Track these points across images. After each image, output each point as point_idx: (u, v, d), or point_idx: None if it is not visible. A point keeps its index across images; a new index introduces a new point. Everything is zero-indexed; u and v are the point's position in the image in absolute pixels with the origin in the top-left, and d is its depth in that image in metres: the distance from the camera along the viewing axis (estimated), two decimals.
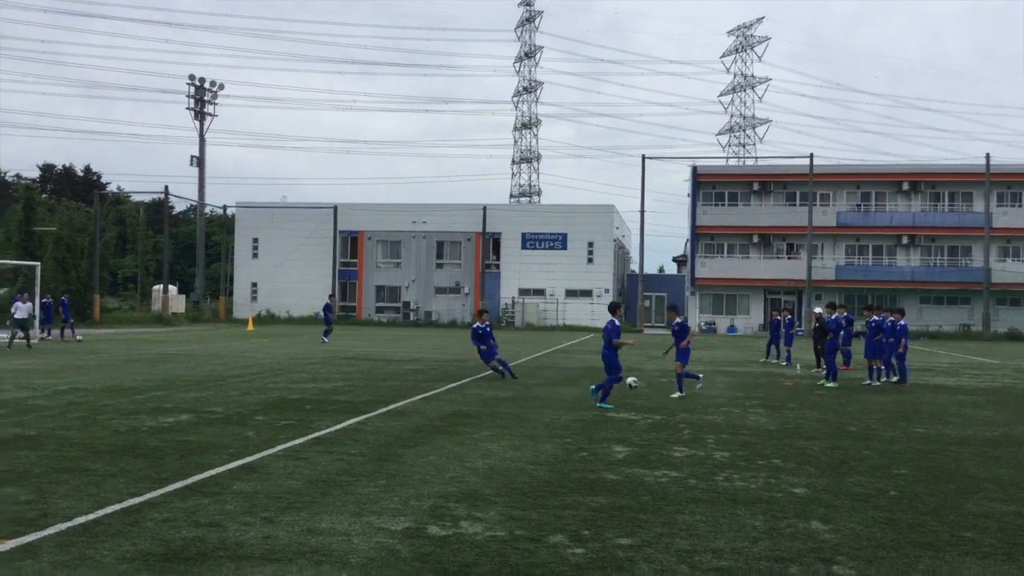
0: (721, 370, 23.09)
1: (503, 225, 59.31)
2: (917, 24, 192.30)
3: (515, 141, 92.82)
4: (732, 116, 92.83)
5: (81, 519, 6.50)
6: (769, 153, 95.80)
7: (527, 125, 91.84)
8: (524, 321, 57.02)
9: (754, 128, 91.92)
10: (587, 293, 58.38)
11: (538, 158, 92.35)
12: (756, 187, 57.99)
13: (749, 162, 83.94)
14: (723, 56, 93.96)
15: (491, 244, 59.53)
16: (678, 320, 16.19)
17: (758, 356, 29.16)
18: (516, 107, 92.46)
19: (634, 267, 68.53)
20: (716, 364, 25.49)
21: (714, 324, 56.46)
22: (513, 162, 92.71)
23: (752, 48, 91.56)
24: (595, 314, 57.87)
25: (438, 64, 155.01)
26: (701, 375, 17.26)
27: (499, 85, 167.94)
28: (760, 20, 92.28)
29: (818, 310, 23.46)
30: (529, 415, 12.94)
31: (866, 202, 57.53)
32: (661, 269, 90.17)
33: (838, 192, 57.54)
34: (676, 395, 15.88)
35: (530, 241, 59.22)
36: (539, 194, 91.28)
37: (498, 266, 59.47)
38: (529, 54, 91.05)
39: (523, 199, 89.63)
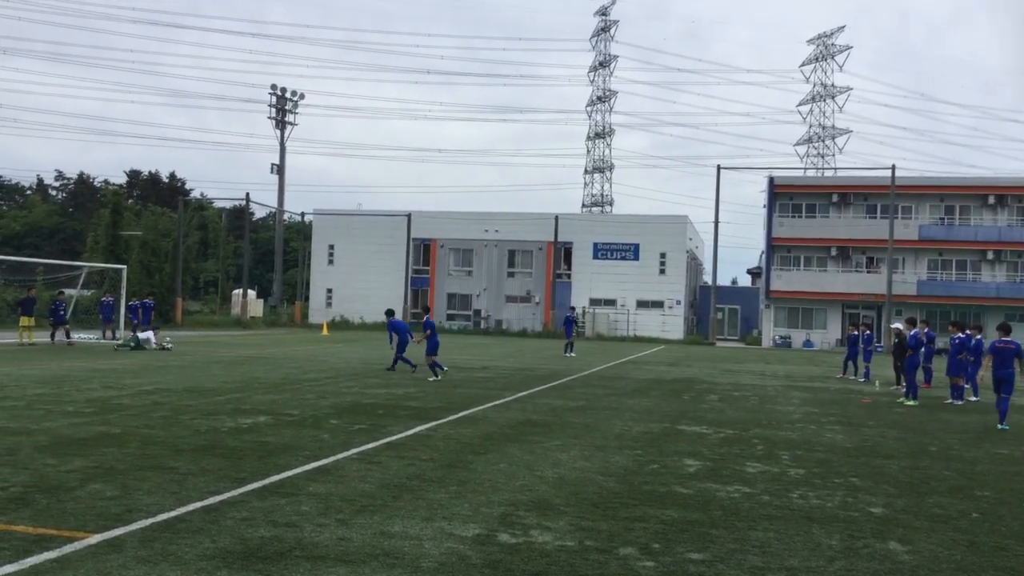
0: (797, 385, 22.67)
1: (575, 235, 59.27)
2: (1006, 32, 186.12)
3: (588, 151, 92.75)
4: (811, 126, 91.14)
5: (164, 516, 6.70)
6: (849, 164, 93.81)
7: (600, 135, 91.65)
8: (595, 331, 56.82)
9: (833, 139, 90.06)
10: (658, 304, 57.90)
11: (611, 168, 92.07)
12: (835, 199, 56.76)
13: (828, 173, 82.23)
14: (802, 65, 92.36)
15: (563, 253, 59.51)
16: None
17: (835, 371, 28.54)
18: (590, 116, 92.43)
19: (707, 279, 67.73)
20: (792, 379, 25.03)
21: (789, 338, 55.43)
22: (586, 172, 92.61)
23: (832, 57, 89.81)
24: (666, 325, 57.40)
25: (514, 74, 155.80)
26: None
27: (574, 94, 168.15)
28: (841, 29, 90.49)
29: (898, 325, 22.86)
30: (599, 425, 12.90)
31: (950, 216, 55.82)
32: (734, 281, 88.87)
33: (920, 205, 55.97)
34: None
35: (602, 251, 59.03)
36: (611, 204, 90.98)
37: (569, 276, 59.41)
38: (604, 63, 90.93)
39: (595, 209, 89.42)
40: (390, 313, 22.51)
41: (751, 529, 6.98)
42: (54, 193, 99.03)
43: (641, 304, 58.01)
